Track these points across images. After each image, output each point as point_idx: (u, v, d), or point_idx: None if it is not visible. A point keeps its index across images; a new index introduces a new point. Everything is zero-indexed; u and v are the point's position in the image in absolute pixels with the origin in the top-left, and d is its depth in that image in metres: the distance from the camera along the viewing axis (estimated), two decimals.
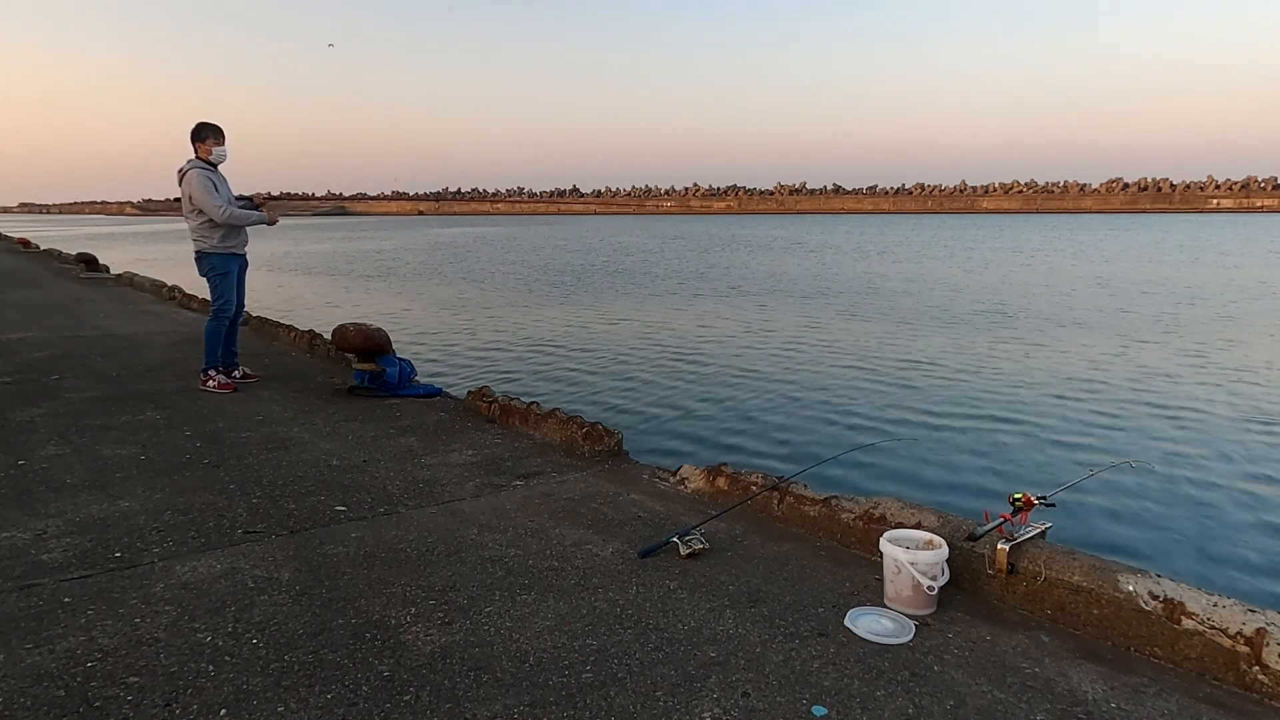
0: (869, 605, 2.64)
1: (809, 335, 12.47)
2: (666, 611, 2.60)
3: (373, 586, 2.75)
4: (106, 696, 2.10)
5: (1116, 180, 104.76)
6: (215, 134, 5.45)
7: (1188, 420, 7.42)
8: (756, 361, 10.35)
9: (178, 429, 4.69)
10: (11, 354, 6.98)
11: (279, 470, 3.97)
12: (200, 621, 2.49)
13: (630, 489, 3.82)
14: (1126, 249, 34.35)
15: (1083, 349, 11.06)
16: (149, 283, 13.12)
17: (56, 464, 4.00)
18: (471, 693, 2.14)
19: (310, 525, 3.29)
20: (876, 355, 10.69)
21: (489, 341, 12.16)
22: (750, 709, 2.08)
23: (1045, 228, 58.84)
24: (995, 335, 12.29)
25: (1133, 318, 14.13)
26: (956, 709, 2.10)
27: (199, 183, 5.34)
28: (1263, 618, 2.22)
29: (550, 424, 4.64)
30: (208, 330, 5.71)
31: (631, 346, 11.54)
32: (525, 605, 2.63)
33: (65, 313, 9.94)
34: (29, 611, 2.53)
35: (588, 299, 17.81)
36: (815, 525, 3.29)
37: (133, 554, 2.97)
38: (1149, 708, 2.12)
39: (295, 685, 2.16)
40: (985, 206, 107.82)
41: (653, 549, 3.04)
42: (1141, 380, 9.08)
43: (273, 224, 5.85)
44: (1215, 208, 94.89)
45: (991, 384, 8.91)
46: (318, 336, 7.48)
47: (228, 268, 5.64)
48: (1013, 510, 2.74)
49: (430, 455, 4.29)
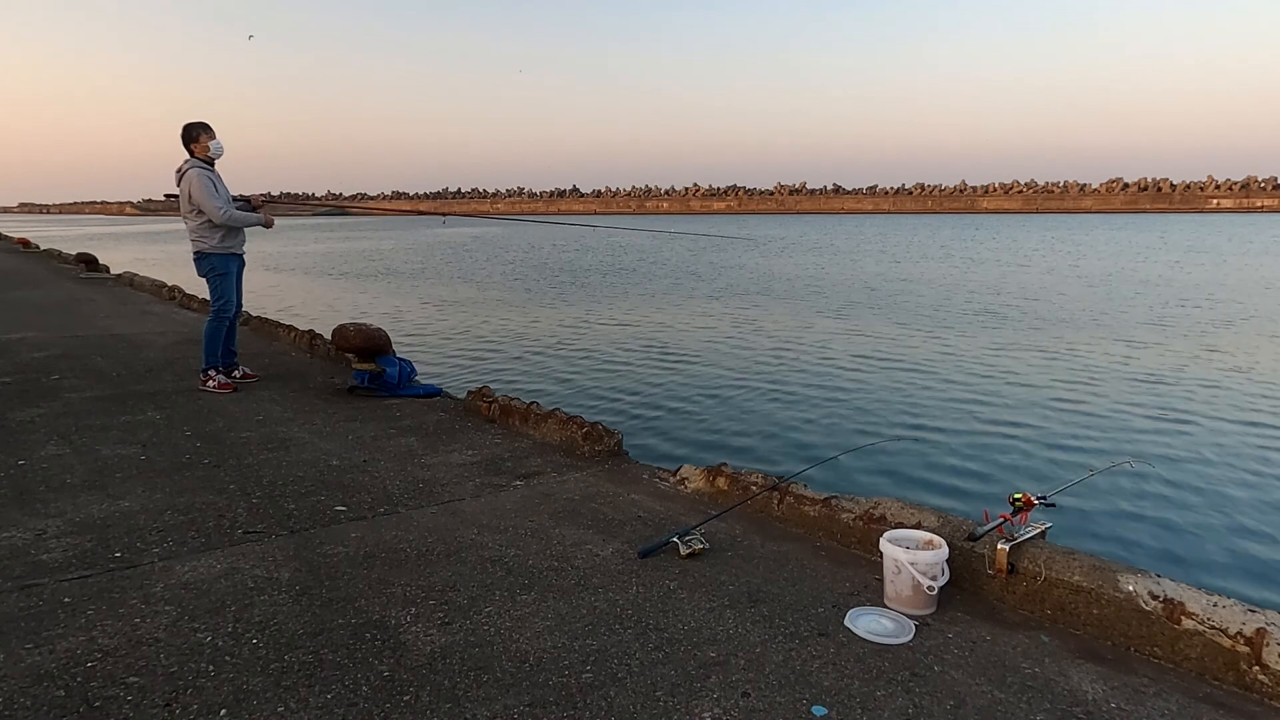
0: (869, 605, 2.64)
1: (809, 335, 12.47)
2: (666, 611, 2.60)
3: (373, 586, 2.75)
4: (106, 696, 2.10)
5: (1116, 180, 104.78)
6: (205, 130, 5.46)
7: (1188, 420, 7.41)
8: (756, 361, 10.35)
9: (178, 429, 4.69)
10: (11, 354, 6.98)
11: (279, 470, 3.97)
12: (200, 621, 2.49)
13: (630, 489, 3.82)
14: (1127, 249, 34.35)
15: (1083, 349, 11.06)
16: (149, 283, 13.12)
17: (56, 464, 4.00)
18: (471, 693, 2.14)
19: (310, 525, 3.29)
20: (876, 355, 10.69)
21: (489, 341, 12.16)
22: (750, 709, 2.08)
23: (1045, 227, 58.86)
24: (995, 335, 12.29)
25: (1133, 317, 14.13)
26: (956, 709, 2.10)
27: (199, 183, 5.35)
28: (1263, 618, 2.22)
29: (550, 424, 4.64)
30: (208, 330, 5.71)
31: (631, 346, 11.54)
32: (525, 605, 2.63)
33: (65, 313, 9.94)
34: (29, 611, 2.53)
35: (588, 299, 17.81)
36: (815, 525, 3.29)
37: (133, 554, 2.97)
38: (1149, 708, 2.12)
39: (295, 685, 2.16)
40: (985, 206, 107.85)
41: (653, 549, 3.04)
42: (1141, 380, 9.08)
43: (269, 226, 5.84)
44: (1215, 208, 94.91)
45: (991, 384, 8.91)
46: (318, 336, 7.48)
47: (227, 268, 5.64)
48: (1013, 510, 2.74)
49: (430, 455, 4.29)
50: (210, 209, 5.37)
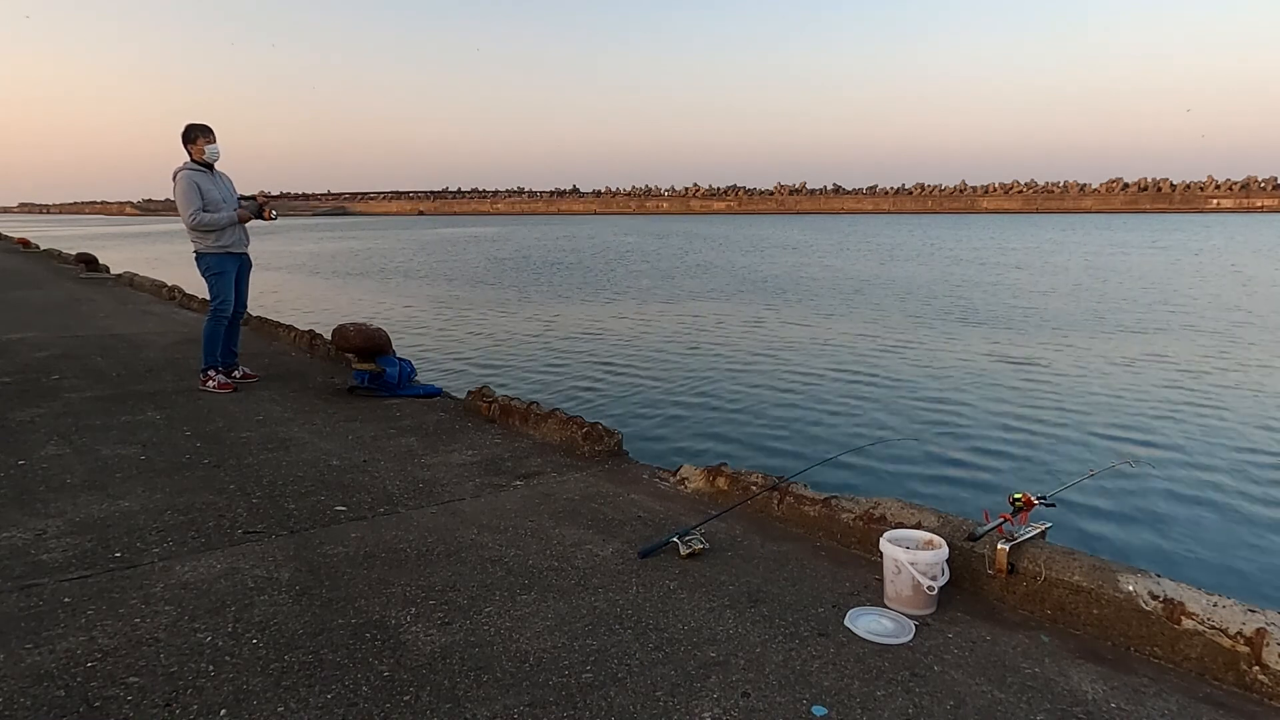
0: (869, 605, 2.64)
1: (809, 335, 12.47)
2: (666, 611, 2.60)
3: (373, 586, 2.75)
4: (106, 696, 2.10)
5: (1116, 180, 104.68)
6: (204, 133, 5.46)
7: (1188, 420, 7.42)
8: (756, 361, 10.35)
9: (178, 429, 4.69)
10: (11, 354, 6.98)
11: (279, 470, 3.97)
12: (200, 621, 2.49)
13: (630, 489, 3.82)
14: (1125, 248, 34.36)
15: (1082, 349, 11.06)
16: (149, 283, 13.11)
17: (56, 464, 4.00)
18: (471, 693, 2.14)
19: (310, 525, 3.29)
20: (876, 355, 10.69)
21: (489, 341, 12.16)
22: (750, 709, 2.08)
23: (1044, 227, 58.87)
24: (995, 335, 12.28)
25: (1132, 317, 14.13)
26: (956, 709, 2.10)
27: (180, 187, 5.41)
28: (1263, 618, 2.22)
29: (550, 424, 4.64)
30: (206, 330, 5.71)
31: (632, 346, 11.54)
32: (525, 605, 2.63)
33: (65, 313, 9.94)
34: (29, 611, 2.53)
35: (588, 299, 17.81)
36: (815, 525, 3.29)
37: (133, 554, 2.97)
38: (1149, 708, 2.12)
39: (295, 685, 2.16)
40: (985, 206, 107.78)
41: (653, 549, 3.04)
42: (1142, 380, 9.08)
43: (244, 221, 5.68)
44: (1215, 208, 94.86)
45: (991, 384, 8.91)
46: (318, 336, 7.48)
47: (223, 267, 5.64)
48: (1013, 510, 2.74)
49: (430, 455, 4.29)
50: (182, 213, 5.45)
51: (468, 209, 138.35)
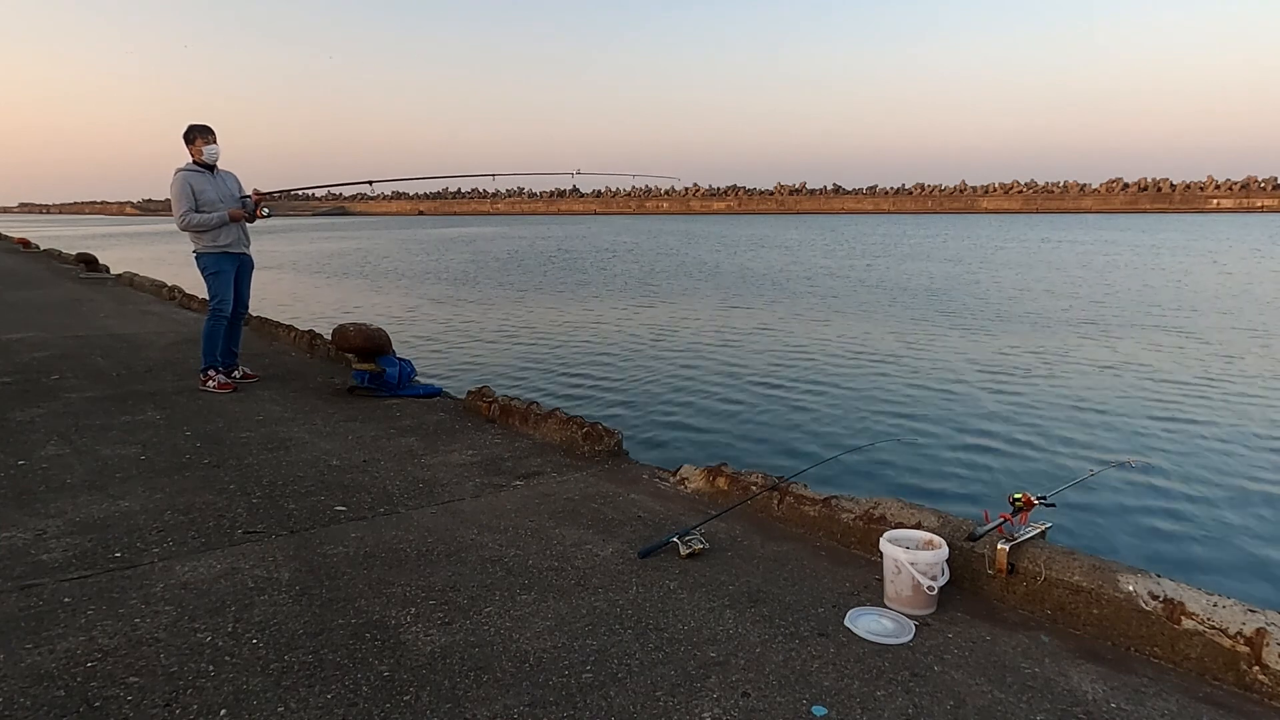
0: (869, 605, 2.64)
1: (810, 335, 12.47)
2: (666, 611, 2.60)
3: (373, 586, 2.75)
4: (106, 696, 2.10)
5: (1116, 180, 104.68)
6: (204, 133, 5.46)
7: (1188, 420, 7.41)
8: (757, 361, 10.35)
9: (178, 429, 4.69)
10: (11, 354, 6.98)
11: (279, 470, 3.97)
12: (200, 621, 2.49)
13: (630, 489, 3.82)
14: (1125, 248, 34.36)
15: (1083, 349, 11.06)
16: (149, 283, 13.11)
17: (56, 464, 4.00)
18: (471, 693, 2.14)
19: (310, 525, 3.29)
20: (876, 355, 10.69)
21: (489, 341, 12.17)
22: (750, 709, 2.08)
23: (1044, 227, 58.87)
24: (995, 335, 12.28)
25: (1132, 317, 14.13)
26: (956, 709, 2.09)
27: (174, 188, 5.43)
28: (1263, 618, 2.22)
29: (550, 424, 4.64)
30: (205, 330, 5.71)
31: (632, 346, 11.54)
32: (525, 605, 2.63)
33: (65, 313, 9.94)
34: (29, 611, 2.53)
35: (588, 299, 17.81)
36: (815, 525, 3.29)
37: (133, 554, 2.97)
38: (1149, 708, 2.12)
39: (295, 685, 2.16)
40: (985, 206, 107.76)
41: (653, 549, 3.04)
42: (1142, 380, 9.07)
43: (235, 220, 5.63)
44: (1215, 208, 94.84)
45: (991, 384, 8.91)
46: (318, 336, 7.48)
47: (220, 267, 5.64)
48: (1013, 510, 2.74)
49: (430, 455, 4.29)
50: (173, 214, 5.48)
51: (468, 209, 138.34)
